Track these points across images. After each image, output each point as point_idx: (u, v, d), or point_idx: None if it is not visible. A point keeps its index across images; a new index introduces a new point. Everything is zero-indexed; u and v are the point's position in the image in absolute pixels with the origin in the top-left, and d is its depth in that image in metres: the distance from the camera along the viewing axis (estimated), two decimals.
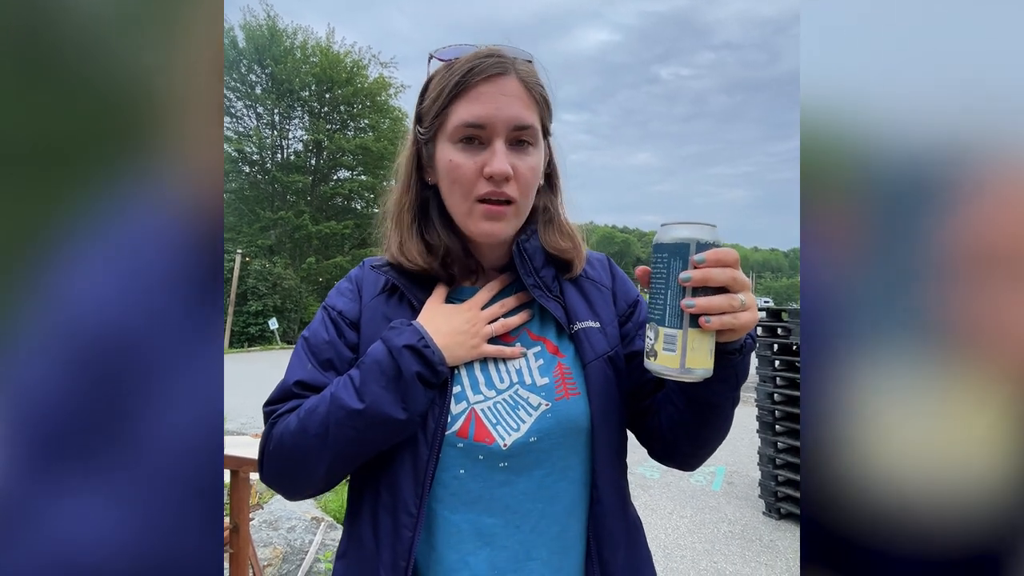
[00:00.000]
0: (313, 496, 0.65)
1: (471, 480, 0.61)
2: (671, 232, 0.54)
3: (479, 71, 0.61)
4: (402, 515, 0.59)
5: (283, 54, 24.53)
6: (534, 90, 0.64)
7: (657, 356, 0.53)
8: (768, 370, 3.51)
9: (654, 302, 0.54)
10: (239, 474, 1.82)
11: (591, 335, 0.67)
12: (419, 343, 0.60)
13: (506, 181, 0.61)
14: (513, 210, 0.64)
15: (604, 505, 0.64)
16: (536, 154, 0.64)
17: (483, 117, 0.60)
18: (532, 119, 0.63)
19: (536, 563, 0.61)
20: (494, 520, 0.61)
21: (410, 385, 0.58)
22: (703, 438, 0.64)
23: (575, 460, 0.64)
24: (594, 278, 0.74)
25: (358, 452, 0.59)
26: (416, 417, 0.59)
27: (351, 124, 26.81)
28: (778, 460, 3.42)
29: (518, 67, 0.63)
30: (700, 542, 3.09)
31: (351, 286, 0.71)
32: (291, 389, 0.64)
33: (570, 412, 0.63)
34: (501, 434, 0.62)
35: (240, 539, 1.81)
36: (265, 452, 0.63)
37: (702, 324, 0.51)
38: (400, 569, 0.58)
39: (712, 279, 0.51)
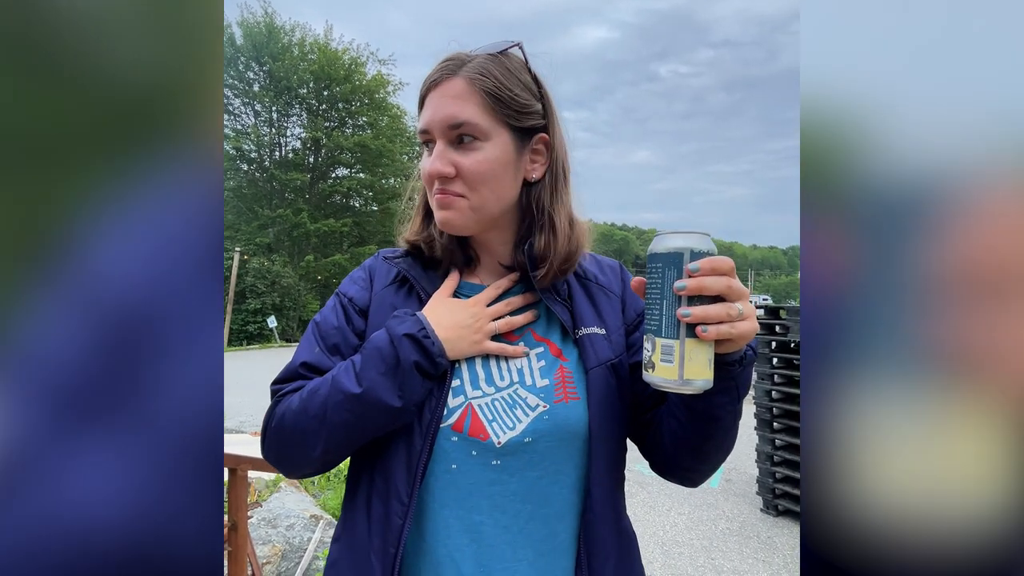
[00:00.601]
0: (311, 475, 0.66)
1: (463, 476, 0.61)
2: (665, 242, 0.54)
3: (430, 80, 0.64)
4: (394, 503, 0.60)
5: (281, 51, 24.46)
6: (476, 84, 0.62)
7: (655, 368, 0.53)
8: (766, 368, 3.51)
9: (650, 313, 0.54)
10: (237, 472, 1.82)
11: (596, 341, 0.67)
12: (419, 333, 0.60)
13: (449, 180, 0.63)
14: (464, 203, 0.64)
15: (596, 513, 0.63)
16: (487, 148, 0.63)
17: (426, 123, 0.63)
18: (469, 114, 0.61)
19: (523, 564, 0.61)
20: (483, 518, 0.61)
21: (407, 374, 0.59)
22: (705, 452, 0.63)
23: (569, 465, 0.64)
24: (604, 284, 0.73)
25: (353, 436, 0.60)
26: (411, 406, 0.59)
27: (349, 121, 26.76)
28: (776, 457, 3.43)
29: (469, 66, 0.63)
30: (698, 539, 3.10)
31: (364, 275, 0.73)
32: (298, 370, 0.66)
33: (568, 416, 0.63)
34: (496, 431, 0.62)
35: (239, 537, 1.81)
36: (267, 429, 0.65)
37: (699, 334, 0.50)
38: (389, 556, 0.59)
39: (707, 288, 0.50)
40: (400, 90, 27.52)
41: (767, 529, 3.21)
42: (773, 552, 2.92)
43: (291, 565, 2.50)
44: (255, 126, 25.35)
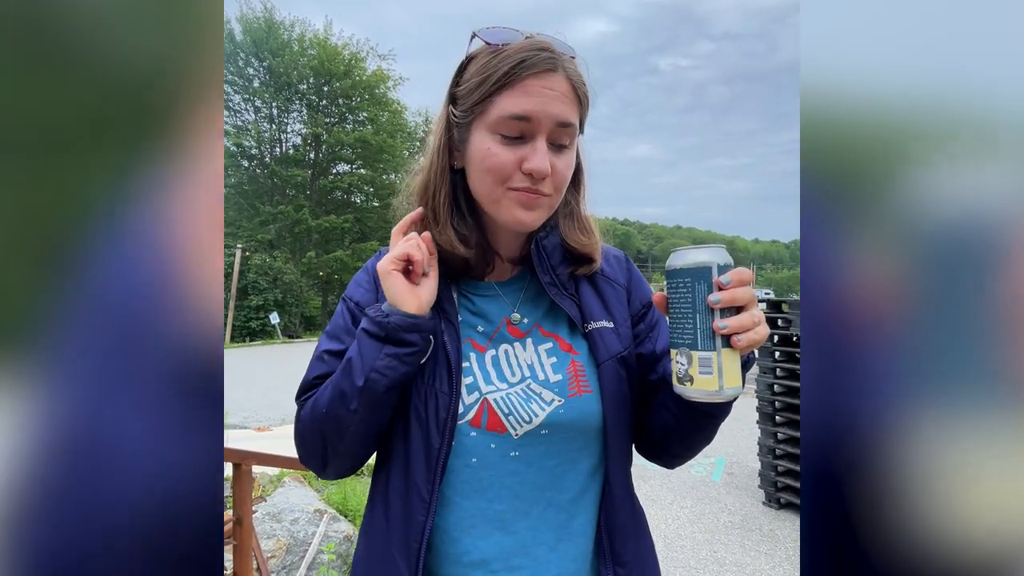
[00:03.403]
0: (343, 475, 0.68)
1: (483, 468, 0.63)
2: (688, 257, 0.55)
3: (530, 64, 0.60)
4: (415, 499, 0.61)
5: (281, 47, 24.33)
6: (580, 89, 0.64)
7: (694, 381, 0.54)
8: (768, 361, 3.51)
9: (681, 328, 0.55)
10: (242, 467, 1.83)
11: (605, 335, 0.68)
12: (371, 308, 0.63)
13: (542, 180, 0.62)
14: (547, 203, 0.64)
15: (614, 498, 0.66)
16: (571, 153, 0.65)
17: (530, 112, 0.59)
18: (575, 119, 0.63)
19: (543, 548, 0.63)
20: (503, 507, 0.63)
21: (362, 342, 0.60)
22: (693, 442, 0.67)
23: (584, 454, 0.66)
24: (610, 276, 0.74)
25: (347, 422, 0.61)
26: (373, 375, 0.58)
27: (350, 117, 26.64)
28: (778, 451, 3.44)
29: (566, 64, 0.63)
30: (700, 532, 3.12)
31: (367, 276, 0.73)
32: (313, 382, 0.68)
33: (583, 409, 0.64)
34: (513, 424, 0.63)
35: (243, 531, 1.82)
36: (296, 437, 0.68)
37: (734, 344, 0.52)
38: (413, 551, 0.60)
39: (738, 299, 0.53)
40: (400, 85, 27.41)
41: (769, 522, 3.22)
42: (775, 545, 2.92)
43: (296, 559, 2.52)
44: (255, 122, 25.26)
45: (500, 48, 0.62)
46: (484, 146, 0.62)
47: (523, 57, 0.60)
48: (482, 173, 0.63)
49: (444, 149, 0.67)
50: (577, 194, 0.73)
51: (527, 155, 0.60)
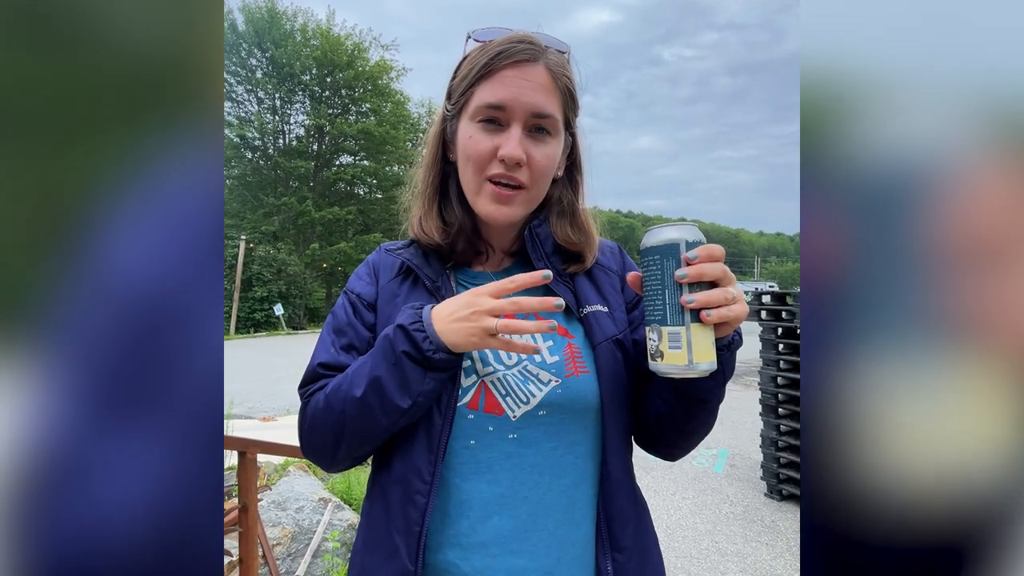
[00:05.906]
0: (347, 469, 0.68)
1: (481, 451, 0.63)
2: (659, 235, 0.56)
3: (507, 55, 0.62)
4: (416, 482, 0.61)
5: (283, 37, 24.26)
6: (559, 80, 0.64)
7: (664, 356, 0.55)
8: (771, 354, 3.52)
9: (652, 304, 0.56)
10: (247, 455, 1.85)
11: (599, 318, 0.68)
12: (412, 324, 0.60)
13: (518, 166, 0.63)
14: (523, 196, 0.65)
15: (613, 480, 0.66)
16: (554, 144, 0.65)
17: (504, 100, 0.62)
18: (553, 109, 0.64)
19: (543, 533, 0.63)
20: (502, 490, 0.63)
21: (403, 364, 0.58)
22: (687, 431, 0.67)
23: (583, 435, 0.66)
24: (604, 263, 0.75)
25: (369, 433, 0.61)
26: (421, 400, 0.59)
27: (353, 108, 26.59)
28: (780, 443, 3.45)
29: (548, 56, 0.64)
30: (702, 522, 3.14)
31: (368, 270, 0.74)
32: (316, 370, 0.67)
33: (580, 389, 0.65)
34: (511, 406, 0.63)
35: (249, 518, 1.85)
36: (302, 430, 0.67)
37: (703, 318, 0.53)
38: (413, 534, 0.61)
39: (705, 274, 0.53)
40: (403, 76, 27.29)
41: (771, 513, 3.24)
42: (776, 536, 2.94)
43: (301, 547, 2.55)
44: (258, 113, 25.24)
45: (487, 43, 0.65)
46: (467, 135, 0.65)
47: (502, 49, 0.63)
48: (465, 161, 0.65)
49: (438, 138, 0.71)
50: (573, 191, 0.74)
51: (502, 142, 0.62)
